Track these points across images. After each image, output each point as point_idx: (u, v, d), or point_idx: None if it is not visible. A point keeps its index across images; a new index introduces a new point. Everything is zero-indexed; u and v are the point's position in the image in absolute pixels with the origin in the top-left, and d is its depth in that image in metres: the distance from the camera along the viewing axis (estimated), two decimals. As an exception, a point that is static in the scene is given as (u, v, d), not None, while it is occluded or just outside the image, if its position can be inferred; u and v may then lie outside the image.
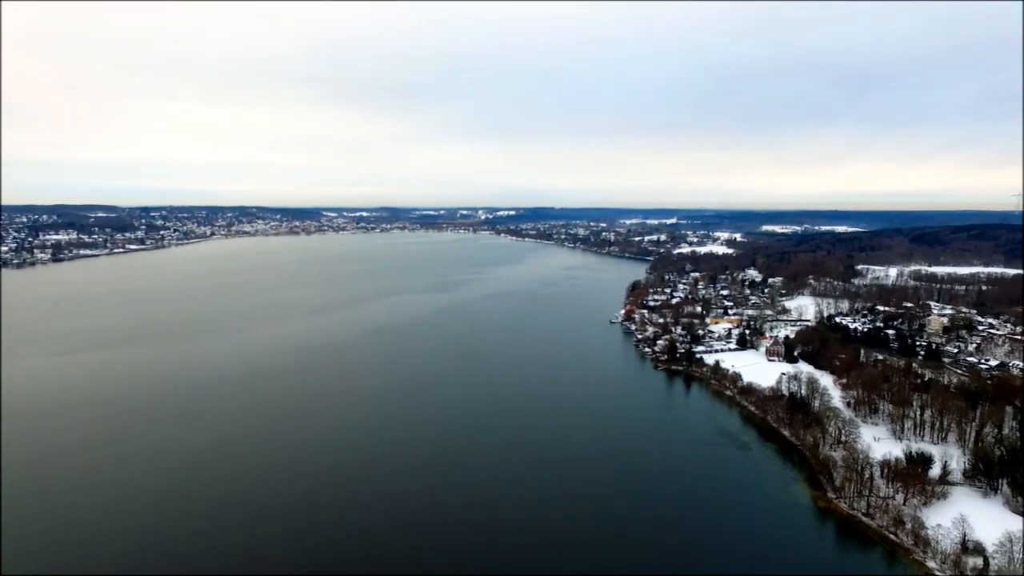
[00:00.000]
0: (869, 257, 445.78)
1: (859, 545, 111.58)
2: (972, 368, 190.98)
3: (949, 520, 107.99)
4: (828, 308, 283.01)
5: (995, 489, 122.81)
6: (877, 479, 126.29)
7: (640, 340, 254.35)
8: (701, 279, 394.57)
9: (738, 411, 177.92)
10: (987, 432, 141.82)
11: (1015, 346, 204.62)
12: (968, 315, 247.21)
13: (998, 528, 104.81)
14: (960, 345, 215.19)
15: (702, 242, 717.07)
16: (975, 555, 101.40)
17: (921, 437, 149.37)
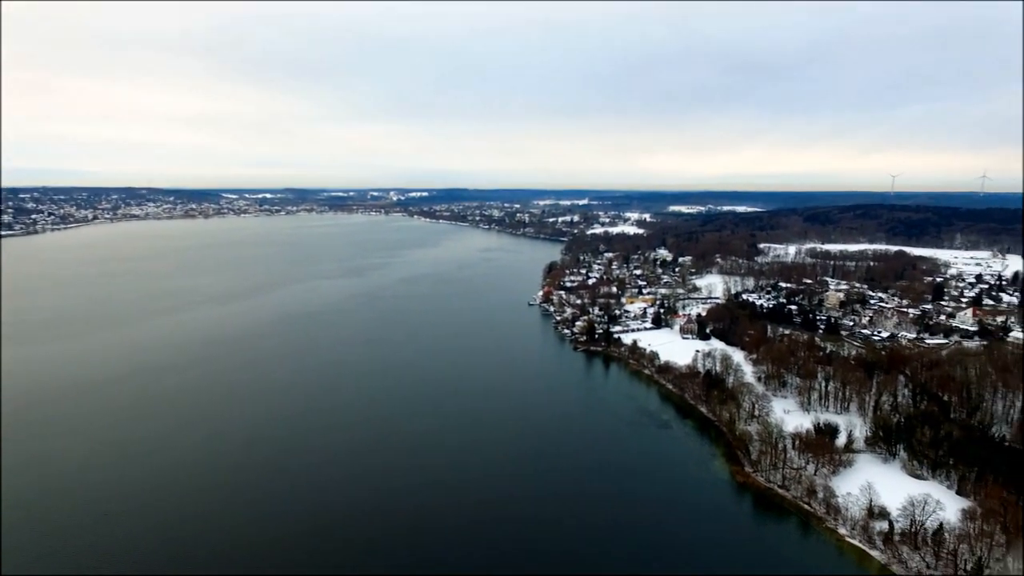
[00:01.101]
0: (769, 235, 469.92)
1: (776, 516, 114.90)
2: (867, 340, 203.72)
3: (857, 487, 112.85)
4: (735, 286, 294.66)
5: (893, 454, 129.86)
6: (790, 451, 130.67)
7: (559, 322, 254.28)
8: (615, 259, 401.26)
9: (656, 389, 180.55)
10: (884, 401, 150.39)
11: (902, 318, 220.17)
12: (861, 290, 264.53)
13: (899, 491, 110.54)
14: (855, 318, 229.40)
15: (614, 223, 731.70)
16: (881, 519, 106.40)
17: (826, 407, 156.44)
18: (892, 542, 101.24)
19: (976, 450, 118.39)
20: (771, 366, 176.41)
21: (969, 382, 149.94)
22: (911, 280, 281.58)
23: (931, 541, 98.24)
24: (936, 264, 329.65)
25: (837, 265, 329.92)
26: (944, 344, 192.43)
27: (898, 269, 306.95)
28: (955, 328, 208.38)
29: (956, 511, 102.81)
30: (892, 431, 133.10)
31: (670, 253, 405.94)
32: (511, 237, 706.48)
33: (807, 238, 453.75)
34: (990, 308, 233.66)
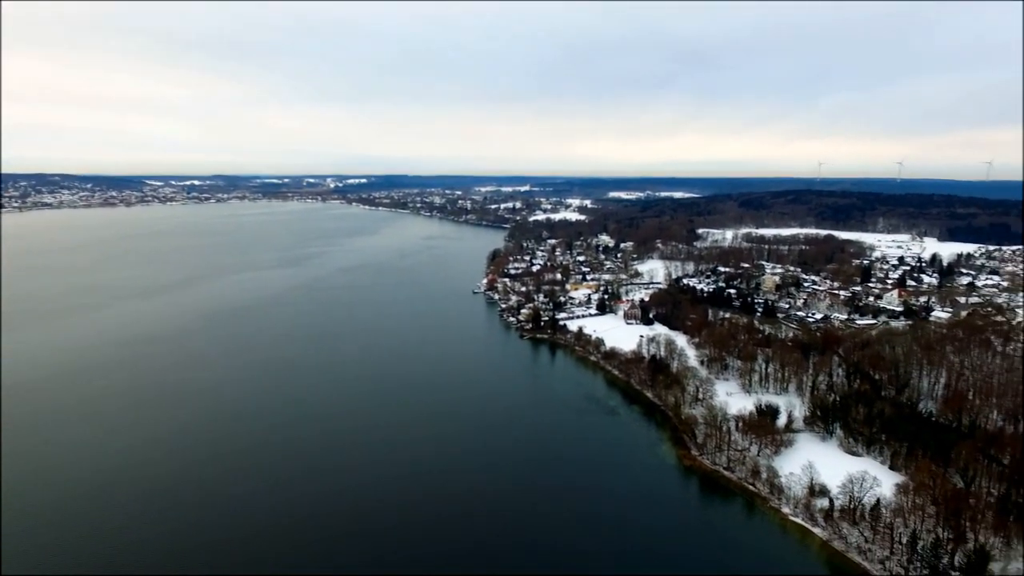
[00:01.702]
0: (706, 221, 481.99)
1: (722, 498, 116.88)
2: (802, 322, 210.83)
3: (798, 467, 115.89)
4: (676, 270, 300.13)
5: (831, 433, 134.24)
6: (734, 433, 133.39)
7: (504, 309, 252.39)
8: (558, 246, 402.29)
9: (603, 375, 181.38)
10: (821, 381, 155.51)
11: (834, 300, 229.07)
12: (795, 273, 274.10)
13: (837, 469, 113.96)
14: (790, 301, 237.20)
15: (555, 209, 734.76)
16: (821, 497, 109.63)
17: (767, 389, 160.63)
18: (832, 519, 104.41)
19: (906, 426, 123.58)
20: (713, 349, 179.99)
21: (897, 361, 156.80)
22: (840, 263, 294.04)
23: (868, 516, 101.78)
24: (862, 247, 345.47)
25: (772, 249, 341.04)
26: (873, 324, 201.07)
27: (828, 252, 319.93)
28: (883, 309, 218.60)
29: (891, 486, 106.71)
30: (829, 410, 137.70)
31: (612, 239, 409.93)
32: (453, 224, 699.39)
33: (742, 223, 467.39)
34: (913, 289, 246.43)
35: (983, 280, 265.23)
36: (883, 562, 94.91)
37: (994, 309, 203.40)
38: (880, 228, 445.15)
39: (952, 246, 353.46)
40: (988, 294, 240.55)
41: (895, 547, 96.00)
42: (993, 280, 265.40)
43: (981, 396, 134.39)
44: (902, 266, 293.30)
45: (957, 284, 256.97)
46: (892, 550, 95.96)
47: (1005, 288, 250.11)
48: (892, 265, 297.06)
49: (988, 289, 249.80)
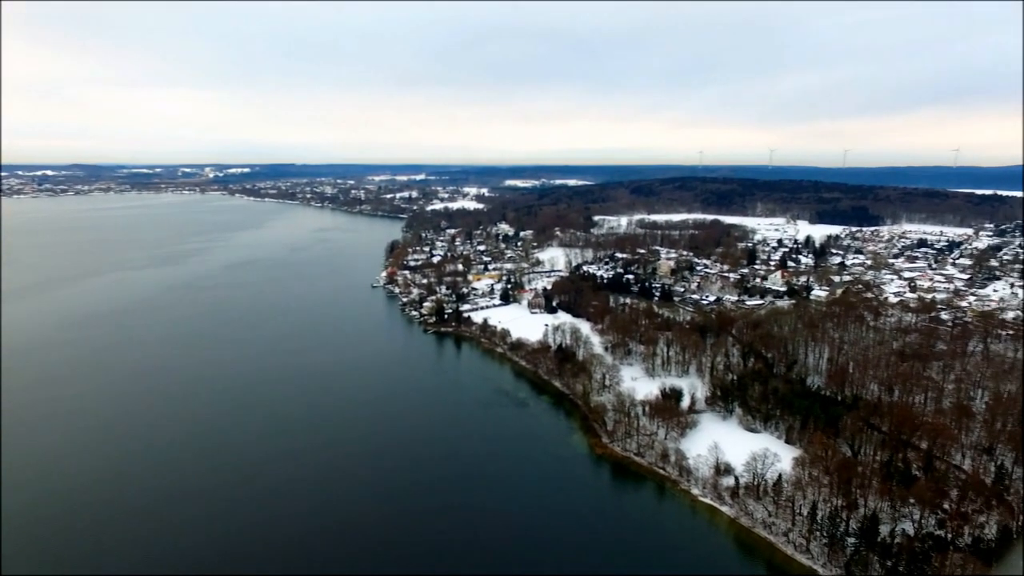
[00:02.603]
0: (602, 208, 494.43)
1: (635, 483, 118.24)
2: (697, 304, 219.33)
3: (704, 448, 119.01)
4: (576, 258, 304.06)
5: (731, 411, 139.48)
6: (642, 418, 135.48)
7: (406, 303, 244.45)
8: (458, 235, 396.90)
9: (510, 367, 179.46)
10: (719, 361, 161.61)
11: (725, 283, 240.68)
12: (688, 258, 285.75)
13: (739, 446, 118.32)
14: (685, 285, 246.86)
15: (453, 198, 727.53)
16: (727, 476, 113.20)
17: (669, 372, 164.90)
18: (739, 496, 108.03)
19: (799, 401, 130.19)
20: (616, 335, 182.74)
21: (785, 339, 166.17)
22: (727, 246, 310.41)
23: (771, 491, 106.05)
24: (745, 231, 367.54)
25: (664, 235, 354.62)
26: (761, 304, 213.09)
27: (716, 236, 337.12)
28: (768, 289, 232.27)
29: (789, 460, 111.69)
30: (728, 390, 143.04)
31: (511, 228, 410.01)
32: (347, 215, 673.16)
33: (635, 209, 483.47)
34: (793, 270, 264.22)
35: (851, 259, 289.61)
36: (787, 534, 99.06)
37: (864, 286, 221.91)
38: (759, 212, 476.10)
39: (822, 228, 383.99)
40: (856, 272, 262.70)
41: (796, 519, 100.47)
42: (859, 259, 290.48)
43: (860, 369, 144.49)
44: (781, 248, 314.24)
45: (830, 264, 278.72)
46: (794, 522, 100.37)
47: (870, 266, 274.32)
48: (773, 247, 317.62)
49: (856, 268, 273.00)
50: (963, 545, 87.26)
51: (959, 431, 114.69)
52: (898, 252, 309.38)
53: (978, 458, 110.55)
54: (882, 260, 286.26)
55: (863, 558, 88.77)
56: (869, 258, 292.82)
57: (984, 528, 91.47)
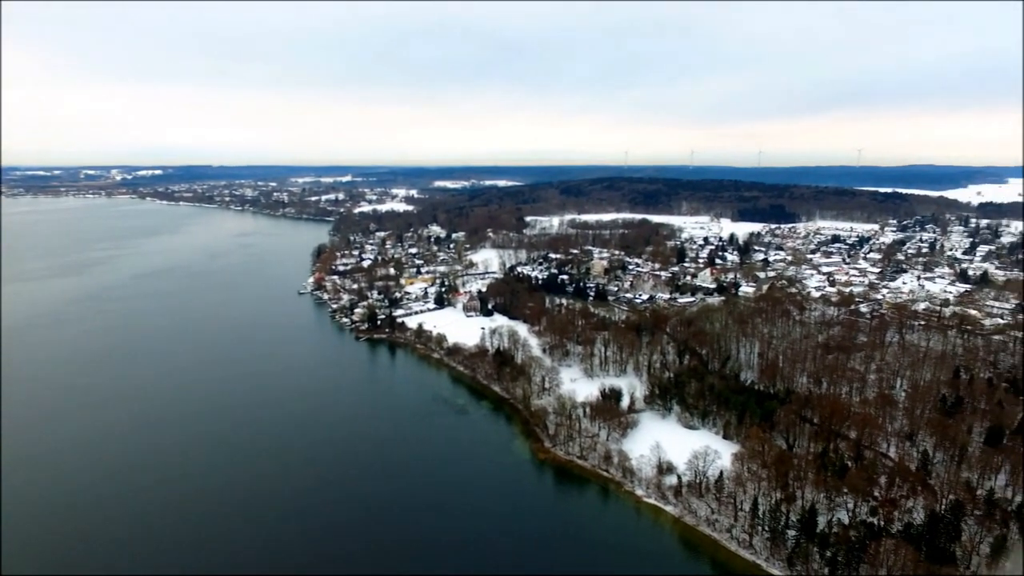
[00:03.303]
0: (533, 208, 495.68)
1: (579, 487, 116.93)
2: (631, 303, 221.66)
3: (647, 447, 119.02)
4: (509, 259, 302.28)
5: (669, 409, 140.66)
6: (583, 420, 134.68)
7: (336, 310, 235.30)
8: (388, 238, 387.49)
9: (448, 373, 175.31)
10: (655, 360, 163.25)
11: (657, 281, 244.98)
12: (620, 257, 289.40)
13: (678, 443, 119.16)
14: (619, 284, 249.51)
15: (381, 200, 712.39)
16: (670, 475, 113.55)
17: (607, 372, 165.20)
18: (682, 495, 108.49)
19: (735, 397, 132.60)
20: (554, 337, 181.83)
21: (717, 335, 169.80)
22: (657, 245, 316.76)
23: (713, 488, 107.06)
24: (673, 229, 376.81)
25: (596, 234, 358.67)
26: (693, 302, 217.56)
27: (645, 235, 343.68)
28: (699, 287, 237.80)
29: (729, 456, 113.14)
30: (665, 388, 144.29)
31: (443, 229, 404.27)
32: (269, 219, 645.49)
33: (566, 210, 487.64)
34: (721, 267, 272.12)
35: (773, 256, 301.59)
36: (730, 530, 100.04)
37: (787, 282, 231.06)
38: (684, 211, 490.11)
39: (743, 226, 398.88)
40: (779, 268, 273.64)
41: (739, 515, 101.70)
42: (780, 255, 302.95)
43: (789, 362, 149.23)
44: (707, 246, 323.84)
45: (755, 261, 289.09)
46: (736, 518, 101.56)
47: (791, 262, 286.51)
48: (699, 245, 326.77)
49: (778, 263, 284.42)
50: (895, 531, 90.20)
51: (883, 420, 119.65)
52: (815, 248, 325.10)
53: (901, 444, 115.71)
54: (801, 256, 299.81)
55: (804, 550, 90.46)
56: (789, 254, 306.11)
57: (912, 513, 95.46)
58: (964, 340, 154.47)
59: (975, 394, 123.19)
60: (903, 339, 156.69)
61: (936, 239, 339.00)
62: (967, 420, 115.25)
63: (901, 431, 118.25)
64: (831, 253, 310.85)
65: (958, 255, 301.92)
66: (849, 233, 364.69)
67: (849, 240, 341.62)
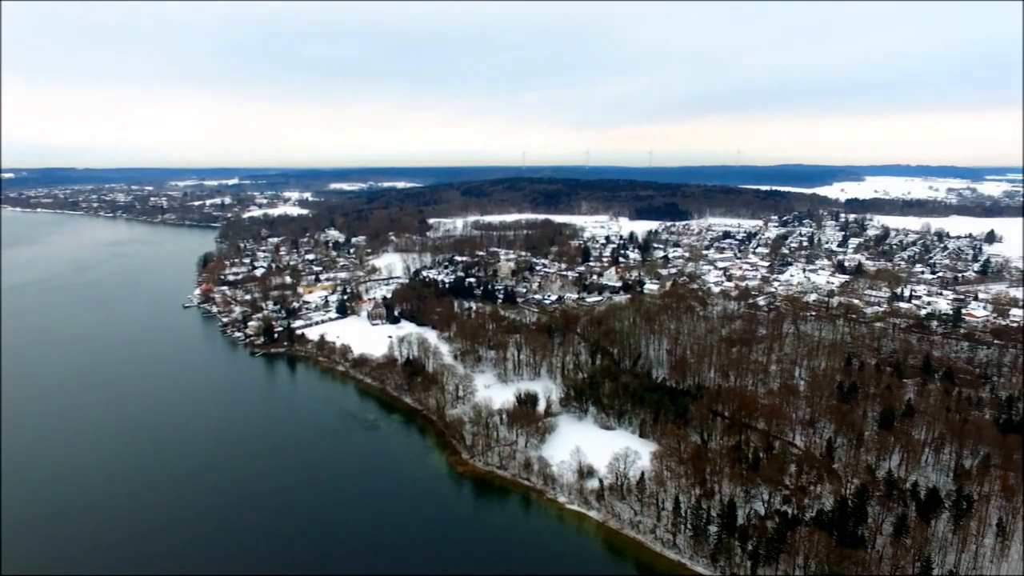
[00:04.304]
0: (435, 210, 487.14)
1: (500, 498, 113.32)
2: (540, 305, 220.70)
3: (567, 452, 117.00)
4: (414, 263, 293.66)
5: (585, 411, 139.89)
6: (501, 427, 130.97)
7: (227, 324, 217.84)
8: (282, 244, 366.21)
9: (354, 386, 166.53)
10: (568, 361, 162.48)
11: (564, 281, 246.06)
12: (527, 258, 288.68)
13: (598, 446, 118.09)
14: (527, 285, 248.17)
15: (273, 203, 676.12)
16: (591, 478, 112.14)
17: (521, 376, 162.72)
18: (604, 499, 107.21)
19: (649, 395, 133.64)
20: (465, 342, 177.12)
21: (626, 334, 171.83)
22: (561, 245, 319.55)
23: (635, 490, 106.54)
24: (575, 229, 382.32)
25: (501, 236, 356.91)
26: (600, 301, 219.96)
27: (549, 235, 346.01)
28: (605, 286, 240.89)
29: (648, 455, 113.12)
30: (581, 390, 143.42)
31: (342, 234, 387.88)
32: (147, 226, 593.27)
33: (468, 211, 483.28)
34: (624, 265, 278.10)
35: (672, 252, 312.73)
36: (653, 531, 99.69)
37: (688, 278, 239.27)
38: (584, 211, 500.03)
39: (641, 224, 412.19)
40: (678, 265, 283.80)
41: (661, 514, 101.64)
42: (678, 252, 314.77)
43: (697, 357, 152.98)
44: (609, 244, 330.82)
45: (656, 258, 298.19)
46: (659, 518, 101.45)
47: (688, 258, 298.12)
48: (602, 244, 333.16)
49: (677, 260, 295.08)
50: (808, 519, 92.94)
51: (788, 409, 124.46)
52: (708, 244, 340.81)
53: (805, 432, 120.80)
54: (697, 252, 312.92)
55: (726, 545, 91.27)
56: (687, 251, 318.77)
57: (821, 499, 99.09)
58: (851, 328, 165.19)
59: (866, 380, 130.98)
60: (798, 330, 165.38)
61: (813, 233, 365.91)
62: (862, 405, 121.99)
63: (804, 419, 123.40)
64: (723, 249, 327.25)
65: (834, 247, 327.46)
66: (737, 229, 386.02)
67: (738, 236, 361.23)
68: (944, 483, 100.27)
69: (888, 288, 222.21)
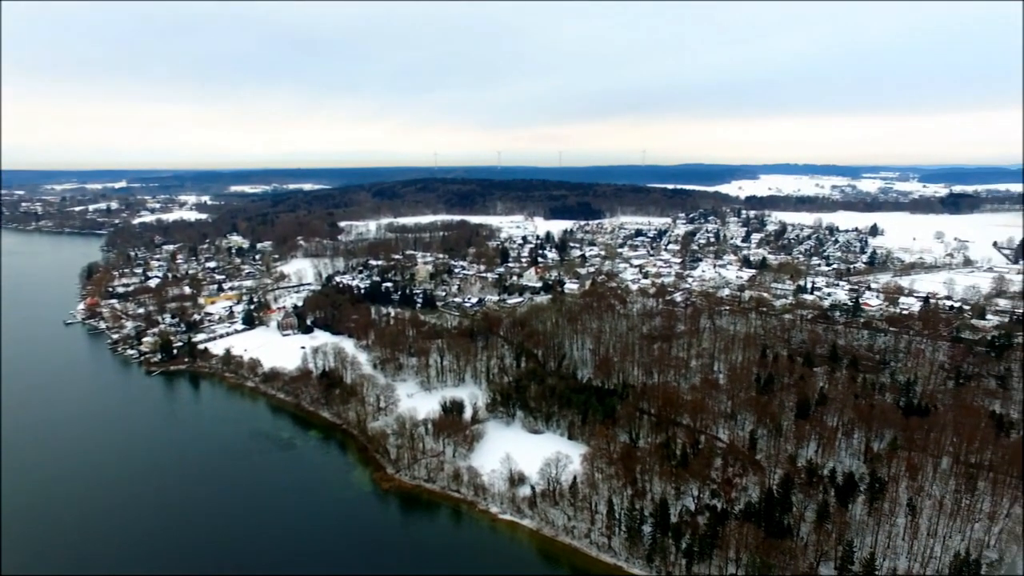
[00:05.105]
0: (346, 213, 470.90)
1: (429, 513, 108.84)
2: (461, 308, 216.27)
3: (497, 460, 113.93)
4: (326, 268, 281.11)
5: (513, 416, 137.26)
6: (427, 438, 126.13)
7: (118, 341, 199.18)
8: (179, 252, 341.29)
9: (266, 402, 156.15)
10: (493, 365, 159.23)
11: (484, 283, 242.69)
12: (444, 260, 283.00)
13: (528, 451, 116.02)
14: (446, 289, 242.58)
15: (167, 208, 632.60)
16: (523, 486, 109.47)
17: (445, 383, 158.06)
18: (537, 506, 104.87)
19: (576, 397, 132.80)
20: (385, 350, 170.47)
21: (550, 335, 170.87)
22: (479, 246, 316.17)
23: (568, 494, 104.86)
24: (491, 230, 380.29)
25: (416, 238, 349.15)
26: (521, 302, 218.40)
27: (466, 237, 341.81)
28: (526, 286, 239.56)
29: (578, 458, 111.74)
30: (507, 394, 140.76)
31: (246, 239, 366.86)
32: (18, 234, 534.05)
33: (380, 213, 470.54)
34: (543, 265, 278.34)
35: (588, 251, 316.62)
36: (588, 535, 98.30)
37: (607, 276, 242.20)
38: (499, 211, 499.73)
39: (555, 223, 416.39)
40: (595, 263, 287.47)
41: (596, 518, 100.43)
42: (595, 251, 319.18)
43: (620, 356, 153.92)
44: (527, 244, 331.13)
45: (573, 257, 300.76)
46: (593, 521, 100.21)
47: (604, 256, 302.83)
48: (519, 244, 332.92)
49: (594, 259, 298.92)
50: (738, 512, 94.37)
51: (710, 403, 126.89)
52: (622, 242, 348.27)
53: (728, 425, 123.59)
54: (612, 250, 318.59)
55: (661, 545, 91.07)
56: (602, 249, 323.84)
57: (748, 491, 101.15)
58: (763, 321, 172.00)
59: (780, 370, 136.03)
60: (714, 324, 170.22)
61: (719, 230, 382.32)
62: (779, 396, 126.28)
63: (726, 412, 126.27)
64: (637, 246, 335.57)
65: (738, 243, 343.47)
66: (648, 227, 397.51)
67: (650, 233, 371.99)
68: (857, 467, 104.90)
69: (792, 281, 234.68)
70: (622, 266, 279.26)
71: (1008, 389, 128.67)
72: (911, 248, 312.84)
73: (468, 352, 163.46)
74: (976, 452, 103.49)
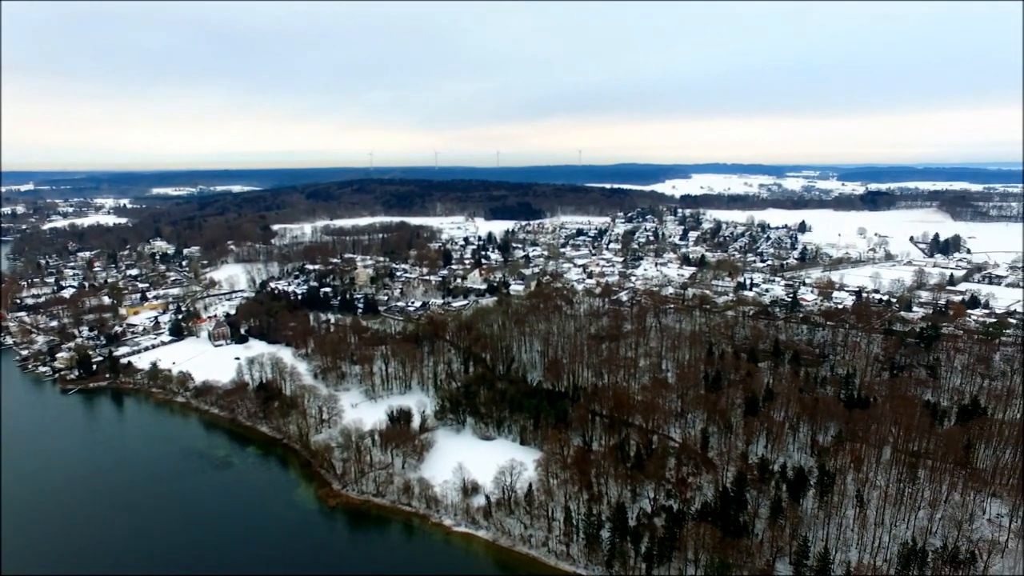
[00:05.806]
0: (279, 216, 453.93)
1: (379, 530, 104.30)
2: (405, 312, 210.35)
3: (449, 470, 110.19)
4: (260, 274, 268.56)
5: (463, 423, 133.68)
6: (374, 450, 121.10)
7: (28, 357, 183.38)
8: (97, 259, 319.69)
9: (199, 418, 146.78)
10: (440, 371, 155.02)
11: (428, 286, 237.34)
12: (386, 264, 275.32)
13: (481, 458, 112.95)
14: (388, 293, 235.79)
15: (82, 212, 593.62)
16: (477, 495, 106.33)
17: (391, 391, 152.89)
18: (492, 516, 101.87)
19: (527, 401, 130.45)
20: (325, 359, 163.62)
21: (497, 338, 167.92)
22: (420, 248, 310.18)
23: (524, 502, 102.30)
24: (432, 231, 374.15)
25: (355, 241, 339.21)
26: (466, 304, 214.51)
27: (407, 239, 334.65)
28: (470, 288, 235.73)
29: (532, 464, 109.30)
30: (456, 401, 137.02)
31: (171, 245, 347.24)
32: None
33: (316, 216, 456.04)
34: (487, 266, 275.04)
35: (531, 252, 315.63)
36: (546, 544, 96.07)
37: (552, 277, 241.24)
38: (439, 212, 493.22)
39: (496, 224, 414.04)
40: (539, 264, 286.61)
41: (553, 525, 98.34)
42: (537, 251, 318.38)
43: (569, 357, 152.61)
44: (469, 246, 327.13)
45: (517, 258, 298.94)
46: (550, 528, 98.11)
47: (548, 257, 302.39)
48: (461, 245, 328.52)
49: (538, 259, 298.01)
50: (694, 512, 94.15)
51: (661, 402, 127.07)
52: (564, 242, 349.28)
53: (679, 423, 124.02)
54: (555, 250, 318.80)
55: (619, 550, 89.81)
56: (545, 249, 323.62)
57: (702, 489, 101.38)
58: (706, 318, 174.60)
59: (727, 367, 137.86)
60: (660, 323, 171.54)
61: (657, 228, 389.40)
62: (727, 393, 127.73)
63: (676, 411, 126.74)
64: (579, 246, 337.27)
65: (676, 241, 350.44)
66: (588, 226, 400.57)
67: (590, 233, 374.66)
68: (806, 461, 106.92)
69: (731, 278, 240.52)
70: (566, 266, 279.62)
71: (938, 379, 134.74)
72: (837, 244, 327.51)
73: (414, 358, 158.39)
74: (914, 441, 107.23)
